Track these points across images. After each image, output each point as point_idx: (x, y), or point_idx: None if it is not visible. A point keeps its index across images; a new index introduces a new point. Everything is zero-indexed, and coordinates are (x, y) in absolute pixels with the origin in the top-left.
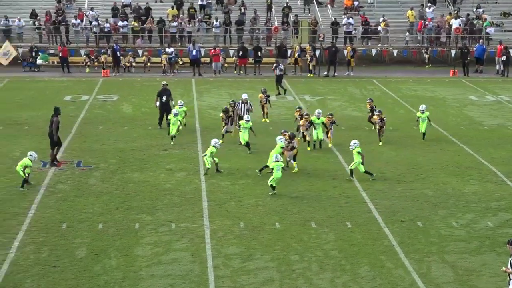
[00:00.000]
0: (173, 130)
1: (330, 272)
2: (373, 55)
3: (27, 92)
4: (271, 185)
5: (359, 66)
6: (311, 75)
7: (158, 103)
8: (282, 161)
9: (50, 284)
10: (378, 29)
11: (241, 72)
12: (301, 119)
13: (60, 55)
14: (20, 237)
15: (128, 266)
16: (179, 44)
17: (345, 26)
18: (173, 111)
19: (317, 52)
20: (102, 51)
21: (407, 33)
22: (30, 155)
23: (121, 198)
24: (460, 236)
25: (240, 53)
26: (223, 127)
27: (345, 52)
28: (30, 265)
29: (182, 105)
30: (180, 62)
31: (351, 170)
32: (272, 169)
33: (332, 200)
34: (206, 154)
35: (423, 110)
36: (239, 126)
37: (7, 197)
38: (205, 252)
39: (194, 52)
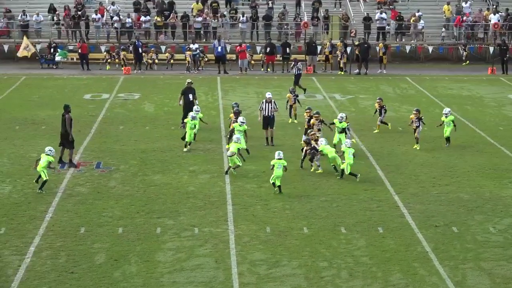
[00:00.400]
0: (190, 135)
1: (361, 279)
2: (407, 52)
3: (45, 90)
4: (273, 183)
5: (392, 64)
6: (342, 73)
7: (181, 102)
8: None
9: None
10: (415, 24)
11: (268, 69)
12: (308, 121)
13: (80, 51)
14: (37, 242)
15: (149, 273)
16: (204, 40)
17: (378, 22)
18: (191, 114)
19: (348, 49)
20: (122, 47)
21: (443, 29)
22: (50, 150)
23: (142, 201)
24: (497, 242)
25: (268, 49)
26: (232, 129)
27: (377, 48)
28: (47, 271)
29: (198, 110)
30: (205, 59)
31: (350, 173)
32: (273, 166)
33: (363, 204)
34: (235, 153)
35: (447, 114)
36: (233, 130)
37: (24, 199)
38: (230, 258)
39: (219, 49)
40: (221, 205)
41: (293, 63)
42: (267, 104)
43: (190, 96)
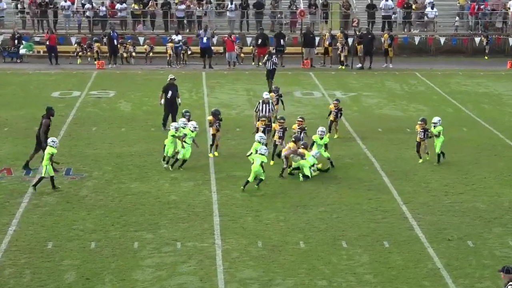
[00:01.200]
0: (169, 149)
1: None
2: (416, 43)
3: (8, 87)
4: (259, 178)
5: (399, 57)
6: (343, 68)
7: (162, 101)
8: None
9: None
10: (426, 12)
11: (260, 63)
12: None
13: (47, 43)
14: None
15: None
16: (188, 30)
17: (383, 10)
18: (174, 124)
19: (350, 40)
20: (95, 38)
21: (457, 18)
22: (52, 142)
23: (117, 212)
24: None
25: (259, 41)
26: (213, 134)
27: (382, 40)
28: None
29: (181, 126)
30: (188, 52)
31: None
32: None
33: (366, 215)
34: (251, 153)
35: (436, 124)
36: (184, 135)
37: None
38: (217, 276)
39: (204, 40)
40: (206, 217)
41: (267, 56)
42: (264, 105)
43: (171, 94)
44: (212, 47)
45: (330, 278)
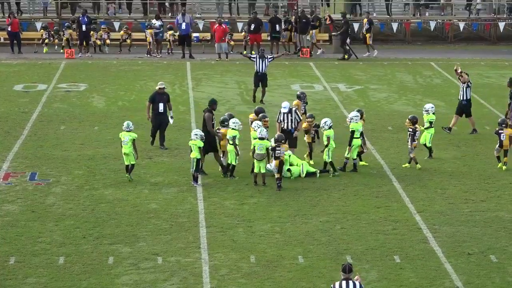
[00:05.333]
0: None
1: None
2: (432, 29)
3: None
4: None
5: (412, 45)
6: (346, 57)
7: (150, 113)
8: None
9: None
10: None
11: (252, 52)
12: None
13: (9, 29)
14: None
15: None
16: (170, 14)
17: None
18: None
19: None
20: (67, 24)
21: (478, 0)
22: (132, 125)
23: (89, 223)
24: None
25: (252, 26)
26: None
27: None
28: None
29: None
30: (171, 39)
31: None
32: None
33: (374, 226)
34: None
35: (427, 111)
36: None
37: None
38: None
39: (183, 26)
40: (191, 228)
41: (258, 51)
42: (286, 115)
43: (161, 106)
44: (197, 34)
45: None
